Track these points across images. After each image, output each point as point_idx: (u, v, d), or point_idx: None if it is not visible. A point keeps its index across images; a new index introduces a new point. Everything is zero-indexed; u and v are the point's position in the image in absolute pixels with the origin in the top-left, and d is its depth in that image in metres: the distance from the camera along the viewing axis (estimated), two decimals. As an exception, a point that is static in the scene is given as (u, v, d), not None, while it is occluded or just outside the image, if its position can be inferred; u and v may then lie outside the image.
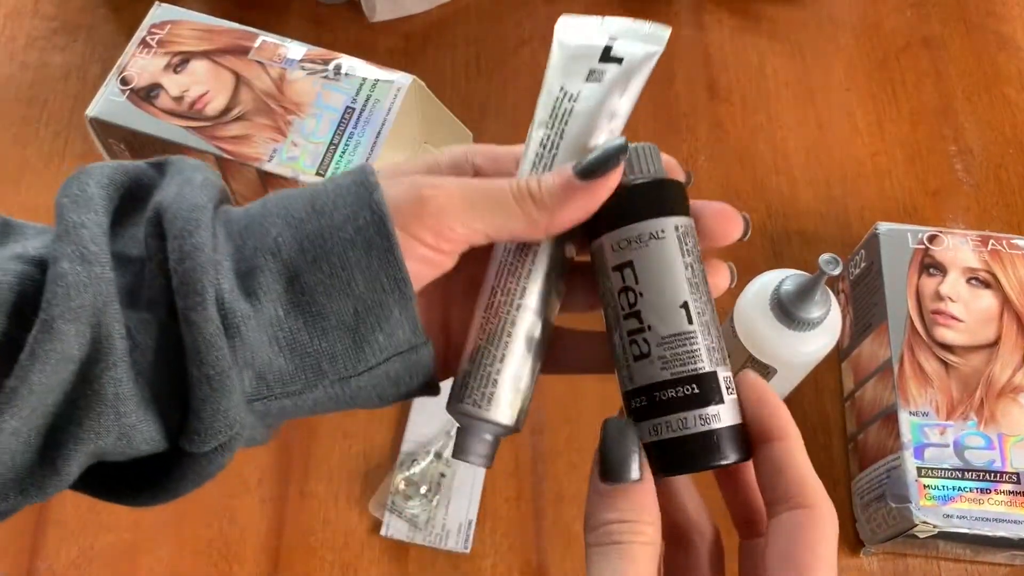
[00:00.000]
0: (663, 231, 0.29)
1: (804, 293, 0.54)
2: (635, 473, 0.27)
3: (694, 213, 0.31)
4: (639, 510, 0.27)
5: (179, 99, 0.64)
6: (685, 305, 0.28)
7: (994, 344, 0.58)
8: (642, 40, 0.32)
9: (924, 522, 0.53)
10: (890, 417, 0.57)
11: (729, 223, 0.31)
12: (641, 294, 0.28)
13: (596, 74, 0.31)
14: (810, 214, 0.73)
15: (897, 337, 0.59)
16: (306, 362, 0.28)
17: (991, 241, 0.62)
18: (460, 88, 0.76)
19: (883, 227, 0.63)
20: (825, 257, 0.51)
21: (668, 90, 0.77)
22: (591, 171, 0.29)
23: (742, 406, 0.28)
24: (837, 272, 0.51)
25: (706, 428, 0.27)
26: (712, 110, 0.77)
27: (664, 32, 0.32)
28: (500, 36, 0.80)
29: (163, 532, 0.60)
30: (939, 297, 0.60)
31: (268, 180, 0.62)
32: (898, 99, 0.79)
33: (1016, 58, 0.81)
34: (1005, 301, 0.60)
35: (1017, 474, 0.55)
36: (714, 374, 0.28)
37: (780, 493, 0.27)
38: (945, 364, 0.58)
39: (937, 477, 0.54)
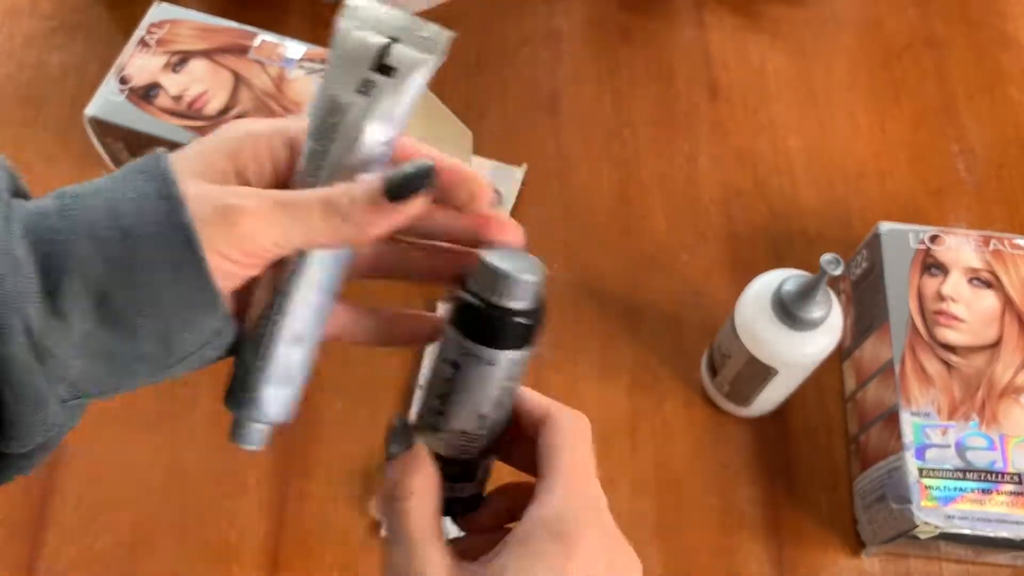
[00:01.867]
0: (496, 361, 0.31)
1: (805, 293, 0.54)
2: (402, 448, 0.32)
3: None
4: (407, 468, 0.32)
5: (178, 98, 0.64)
6: (483, 416, 0.32)
7: (996, 344, 0.58)
8: (418, 47, 0.30)
9: (926, 523, 0.53)
10: (891, 418, 0.57)
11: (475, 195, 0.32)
12: (453, 391, 0.31)
13: (367, 86, 0.30)
14: (811, 214, 0.72)
15: (899, 337, 0.59)
16: (117, 365, 0.29)
17: (993, 241, 0.62)
18: (460, 88, 0.76)
19: (885, 227, 0.63)
20: (827, 257, 0.51)
21: (668, 89, 0.77)
22: (398, 193, 0.29)
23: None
24: (839, 272, 0.50)
25: (457, 495, 0.33)
26: (713, 110, 0.77)
27: (443, 37, 0.31)
28: (500, 36, 0.79)
29: (162, 533, 0.60)
30: (941, 297, 0.60)
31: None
32: (900, 99, 0.78)
33: (1019, 57, 0.80)
34: (1007, 301, 0.60)
35: (1019, 475, 0.54)
36: (477, 462, 0.33)
37: (533, 431, 0.32)
38: (947, 364, 0.58)
39: (939, 478, 0.54)
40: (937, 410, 0.56)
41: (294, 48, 0.66)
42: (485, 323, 0.30)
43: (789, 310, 0.54)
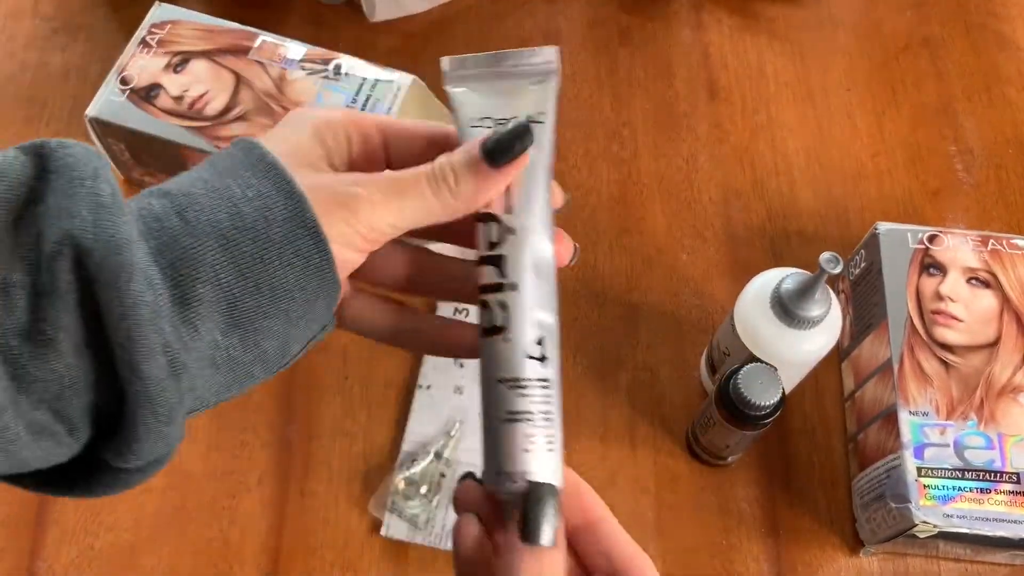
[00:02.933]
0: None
1: (804, 292, 0.54)
2: (550, 539, 0.29)
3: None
4: (552, 573, 0.29)
5: (179, 99, 0.64)
6: None
7: (994, 344, 0.58)
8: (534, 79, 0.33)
9: (924, 522, 0.53)
10: (890, 417, 0.57)
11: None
12: None
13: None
14: (810, 214, 0.72)
15: (897, 337, 0.59)
16: (240, 373, 0.29)
17: (991, 241, 0.62)
18: (460, 88, 0.76)
19: (883, 227, 0.63)
20: (826, 255, 0.51)
21: (668, 90, 0.77)
22: (496, 156, 0.30)
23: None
24: (838, 271, 0.51)
25: None
26: (712, 110, 0.77)
27: (552, 55, 0.33)
28: (500, 36, 0.80)
29: (163, 532, 0.60)
30: (939, 297, 0.60)
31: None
32: (898, 99, 0.79)
33: (1016, 58, 0.81)
34: (1005, 301, 0.60)
35: (1017, 474, 0.54)
36: None
37: (613, 562, 0.31)
38: (945, 364, 0.58)
39: (937, 477, 0.54)
40: (935, 409, 0.57)
41: (295, 49, 0.66)
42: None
43: (788, 308, 0.54)
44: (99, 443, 0.27)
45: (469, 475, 0.33)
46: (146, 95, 0.64)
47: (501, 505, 0.31)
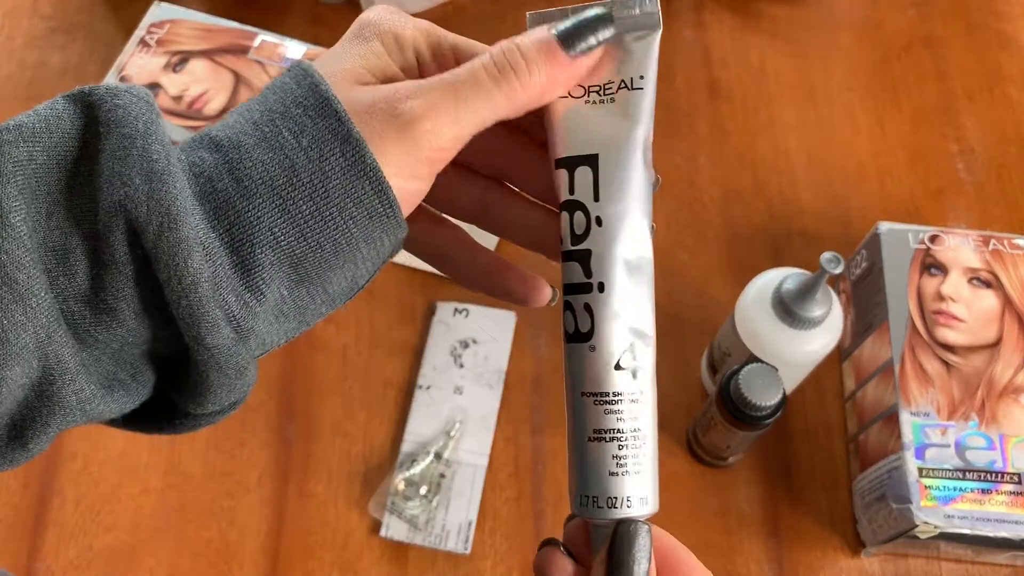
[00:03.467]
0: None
1: (805, 292, 0.54)
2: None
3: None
4: None
5: (178, 98, 0.64)
6: None
7: (995, 344, 0.58)
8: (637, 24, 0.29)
9: (925, 523, 0.53)
10: (891, 417, 0.57)
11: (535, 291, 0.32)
12: None
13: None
14: (811, 214, 0.72)
15: (898, 337, 0.59)
16: (309, 316, 0.28)
17: (992, 241, 0.62)
18: (460, 87, 0.76)
19: (884, 227, 0.63)
20: (827, 255, 0.51)
21: (668, 90, 0.77)
22: (575, 41, 0.27)
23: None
24: (839, 270, 0.50)
25: None
26: (713, 110, 0.77)
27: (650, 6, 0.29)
28: (500, 36, 0.79)
29: (162, 533, 0.60)
30: (940, 297, 0.60)
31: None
32: (899, 99, 0.78)
33: (1018, 57, 0.80)
34: (1006, 301, 0.60)
35: (1018, 475, 0.54)
36: None
37: None
38: (946, 364, 0.58)
39: (938, 478, 0.54)
40: (936, 410, 0.56)
41: (294, 48, 0.66)
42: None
43: (789, 308, 0.54)
44: (168, 387, 0.28)
45: (550, 541, 0.30)
46: (145, 94, 0.64)
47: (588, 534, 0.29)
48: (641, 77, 0.28)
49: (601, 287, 0.27)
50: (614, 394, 0.27)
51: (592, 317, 0.27)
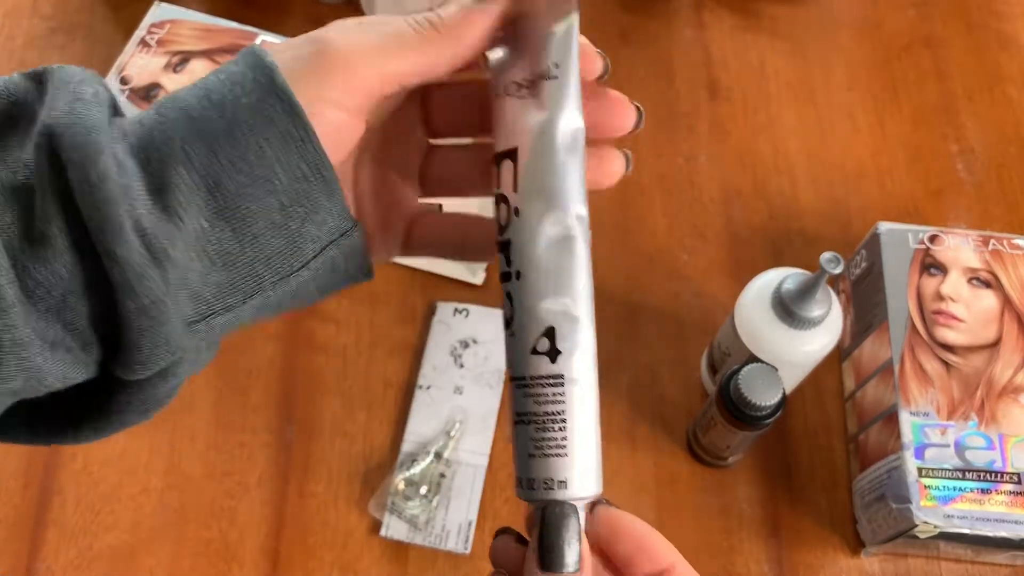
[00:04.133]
0: None
1: (805, 292, 0.54)
2: (574, 565, 0.27)
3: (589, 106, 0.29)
4: None
5: (178, 98, 0.64)
6: None
7: (995, 344, 0.58)
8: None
9: (925, 522, 0.53)
10: (891, 417, 0.57)
11: (621, 113, 0.30)
12: None
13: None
14: (811, 214, 0.72)
15: (898, 337, 0.59)
16: (241, 271, 0.27)
17: (992, 241, 0.62)
18: (460, 87, 0.76)
19: (884, 227, 0.63)
20: (827, 255, 0.51)
21: (668, 89, 0.77)
22: None
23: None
24: (839, 270, 0.50)
25: None
26: (712, 110, 0.77)
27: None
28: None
29: (162, 533, 0.60)
30: (940, 297, 0.60)
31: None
32: (899, 99, 0.78)
33: (1018, 57, 0.80)
34: (1006, 301, 0.60)
35: (1018, 474, 0.54)
36: None
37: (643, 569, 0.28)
38: (946, 364, 0.58)
39: (938, 477, 0.54)
40: (936, 410, 0.56)
41: (294, 48, 0.66)
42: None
43: (789, 308, 0.54)
44: (111, 362, 0.27)
45: (505, 530, 0.30)
46: (146, 95, 0.64)
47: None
48: (557, 65, 0.28)
49: (518, 275, 0.28)
50: (531, 377, 0.28)
51: (512, 304, 0.28)
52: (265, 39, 0.66)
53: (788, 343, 0.56)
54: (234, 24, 0.67)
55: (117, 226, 0.24)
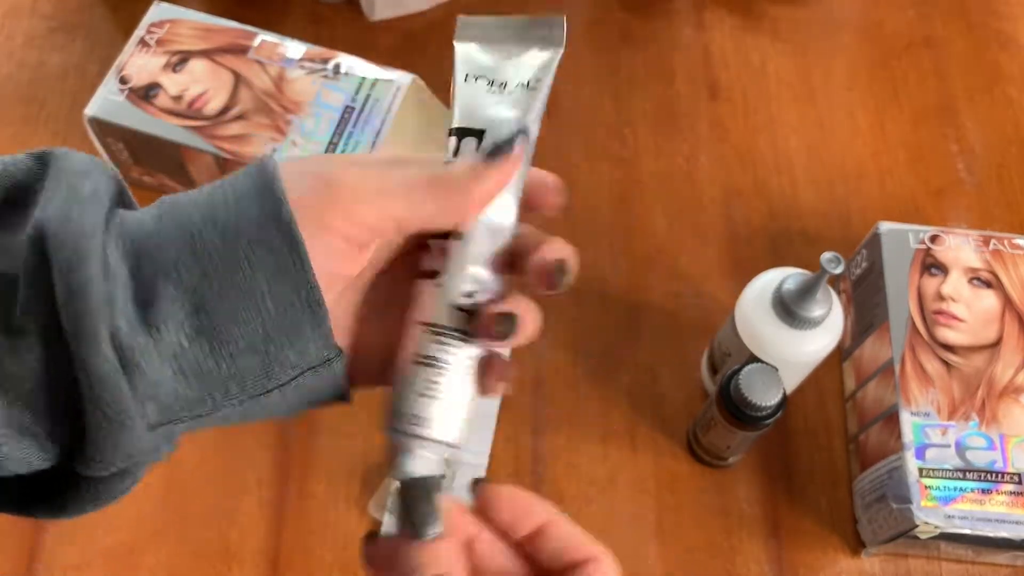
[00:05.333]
0: None
1: (806, 292, 0.54)
2: (438, 528, 0.29)
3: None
4: (448, 562, 0.28)
5: (178, 98, 0.64)
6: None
7: (996, 344, 0.58)
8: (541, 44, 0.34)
9: (925, 523, 0.53)
10: (891, 417, 0.57)
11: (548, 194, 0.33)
12: None
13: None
14: (811, 214, 0.72)
15: (899, 337, 0.59)
16: (213, 386, 0.27)
17: (993, 241, 0.62)
18: (460, 87, 0.76)
19: (885, 227, 0.63)
20: (827, 255, 0.51)
21: (668, 89, 0.77)
22: (495, 153, 0.30)
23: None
24: (839, 270, 0.50)
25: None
26: (713, 110, 0.77)
27: (559, 24, 0.33)
28: (500, 35, 0.79)
29: (162, 533, 0.60)
30: (941, 297, 0.60)
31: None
32: (900, 99, 0.78)
33: (1018, 57, 0.80)
34: (1007, 301, 0.60)
35: (1019, 475, 0.54)
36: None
37: (567, 560, 0.30)
38: (947, 364, 0.58)
39: (938, 478, 0.54)
40: (937, 410, 0.56)
41: (294, 48, 0.66)
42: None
43: (790, 308, 0.54)
44: (73, 455, 0.27)
45: (372, 533, 0.31)
46: (145, 94, 0.64)
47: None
48: (538, 80, 0.33)
49: (459, 235, 0.30)
50: (443, 328, 0.30)
51: (447, 260, 0.30)
52: (264, 39, 0.66)
53: (788, 343, 0.55)
54: (234, 24, 0.67)
55: (92, 336, 0.25)
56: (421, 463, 0.30)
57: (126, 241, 0.26)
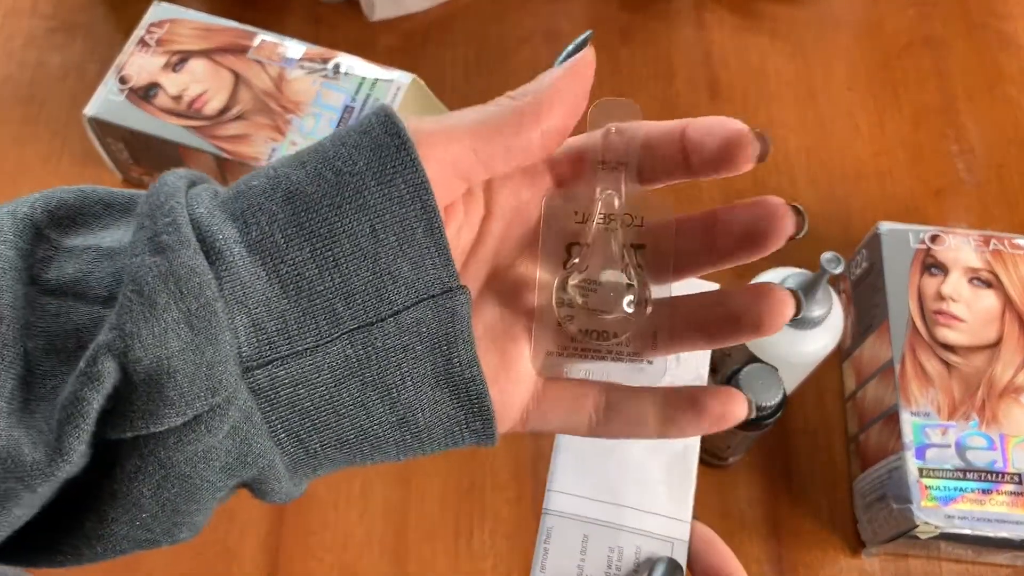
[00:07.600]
0: None
1: (806, 292, 0.54)
2: None
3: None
4: None
5: (178, 98, 0.64)
6: None
7: (996, 344, 0.58)
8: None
9: (926, 523, 0.53)
10: (891, 417, 0.57)
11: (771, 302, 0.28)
12: None
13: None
14: (811, 214, 0.72)
15: (899, 337, 0.59)
16: (316, 303, 0.22)
17: (993, 241, 0.62)
18: (460, 87, 0.76)
19: (885, 227, 0.63)
20: (827, 255, 0.51)
21: (668, 89, 0.77)
22: (568, 56, 0.27)
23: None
24: (839, 270, 0.50)
25: None
26: (713, 110, 0.77)
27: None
28: (500, 35, 0.79)
29: (162, 533, 0.60)
30: (941, 297, 0.60)
31: (267, 179, 0.62)
32: (900, 98, 0.78)
33: (1018, 57, 0.80)
34: (1007, 301, 0.60)
35: (1019, 475, 0.54)
36: None
37: None
38: (947, 364, 0.58)
39: (939, 478, 0.54)
40: (937, 410, 0.56)
41: (294, 48, 0.66)
42: None
43: (789, 310, 0.54)
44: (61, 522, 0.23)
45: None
46: (145, 94, 0.64)
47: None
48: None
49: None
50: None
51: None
52: (264, 39, 0.66)
53: (788, 343, 0.55)
54: (233, 24, 0.67)
55: (168, 215, 0.21)
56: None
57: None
